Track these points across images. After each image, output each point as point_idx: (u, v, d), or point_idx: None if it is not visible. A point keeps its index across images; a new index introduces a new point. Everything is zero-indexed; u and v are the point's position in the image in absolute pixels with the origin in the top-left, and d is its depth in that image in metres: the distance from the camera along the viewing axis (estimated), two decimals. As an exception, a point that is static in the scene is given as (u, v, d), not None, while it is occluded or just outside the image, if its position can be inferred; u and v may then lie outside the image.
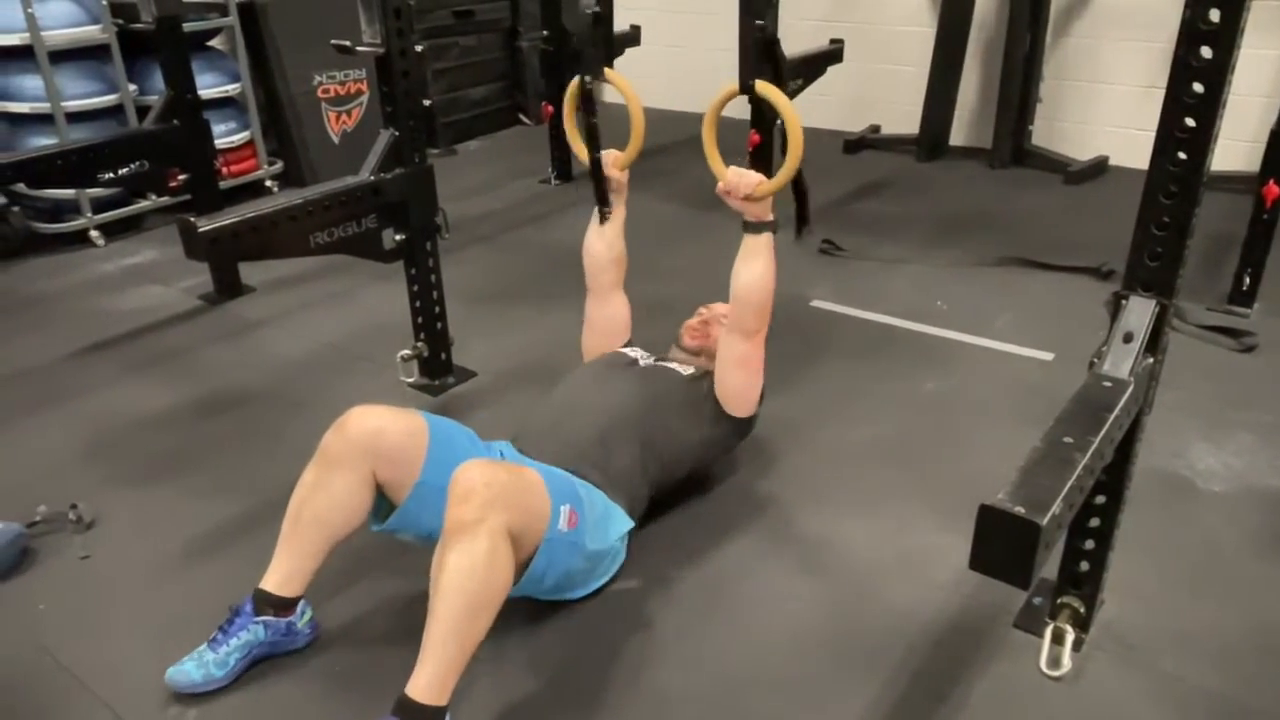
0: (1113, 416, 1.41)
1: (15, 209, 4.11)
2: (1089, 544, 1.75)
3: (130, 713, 1.73)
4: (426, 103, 5.52)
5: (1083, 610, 1.81)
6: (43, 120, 3.84)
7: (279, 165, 4.78)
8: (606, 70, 2.30)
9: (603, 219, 2.37)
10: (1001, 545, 1.19)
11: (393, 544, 1.94)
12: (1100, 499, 1.69)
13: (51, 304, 3.57)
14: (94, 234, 4.07)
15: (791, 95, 4.17)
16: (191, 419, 2.75)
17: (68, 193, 3.94)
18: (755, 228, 2.05)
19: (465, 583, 1.55)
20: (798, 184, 3.73)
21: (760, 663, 1.83)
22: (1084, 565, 1.78)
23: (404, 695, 1.53)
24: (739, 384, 2.17)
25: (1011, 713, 1.71)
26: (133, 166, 3.11)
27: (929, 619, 1.92)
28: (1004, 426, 2.52)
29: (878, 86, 5.32)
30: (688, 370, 2.27)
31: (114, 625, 1.96)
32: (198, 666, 1.75)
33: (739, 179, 1.99)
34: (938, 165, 4.96)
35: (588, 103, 2.24)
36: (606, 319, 2.44)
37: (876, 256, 3.76)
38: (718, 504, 2.30)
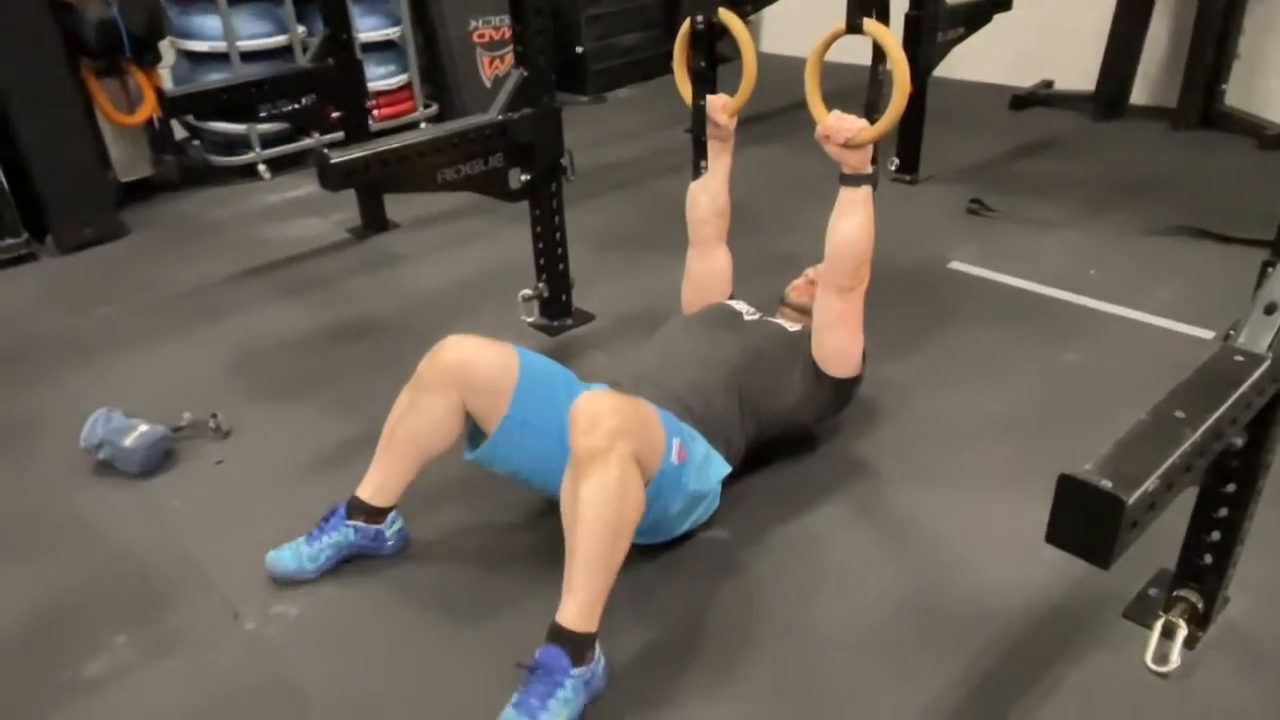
0: (1238, 394, 1.27)
1: (195, 143, 4.45)
2: (1214, 535, 1.60)
3: (242, 604, 1.87)
4: (579, 49, 5.57)
5: (1201, 606, 1.66)
6: (219, 58, 4.12)
7: (434, 108, 4.93)
8: (721, 11, 2.21)
9: (697, 173, 2.31)
10: (1082, 520, 1.11)
11: (489, 473, 2.00)
12: (1230, 487, 1.54)
13: (220, 231, 3.85)
14: (261, 168, 4.34)
15: (951, 44, 3.97)
16: (327, 343, 2.91)
17: (239, 128, 4.22)
18: (853, 180, 1.96)
19: (603, 512, 1.55)
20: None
21: (848, 626, 1.79)
22: (1207, 558, 1.63)
23: (557, 624, 1.56)
24: (836, 343, 2.08)
25: (1106, 703, 1.59)
26: (290, 102, 3.28)
27: (1030, 599, 1.81)
28: (1146, 406, 2.32)
29: (1053, 38, 4.94)
30: (794, 327, 2.20)
31: (237, 525, 2.11)
32: (293, 557, 1.90)
33: (839, 123, 1.90)
34: (1114, 125, 4.58)
35: (699, 45, 2.17)
36: (707, 273, 2.40)
37: (1029, 218, 3.52)
38: (820, 464, 2.24)
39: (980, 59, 4.96)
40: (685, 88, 2.27)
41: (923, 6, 3.67)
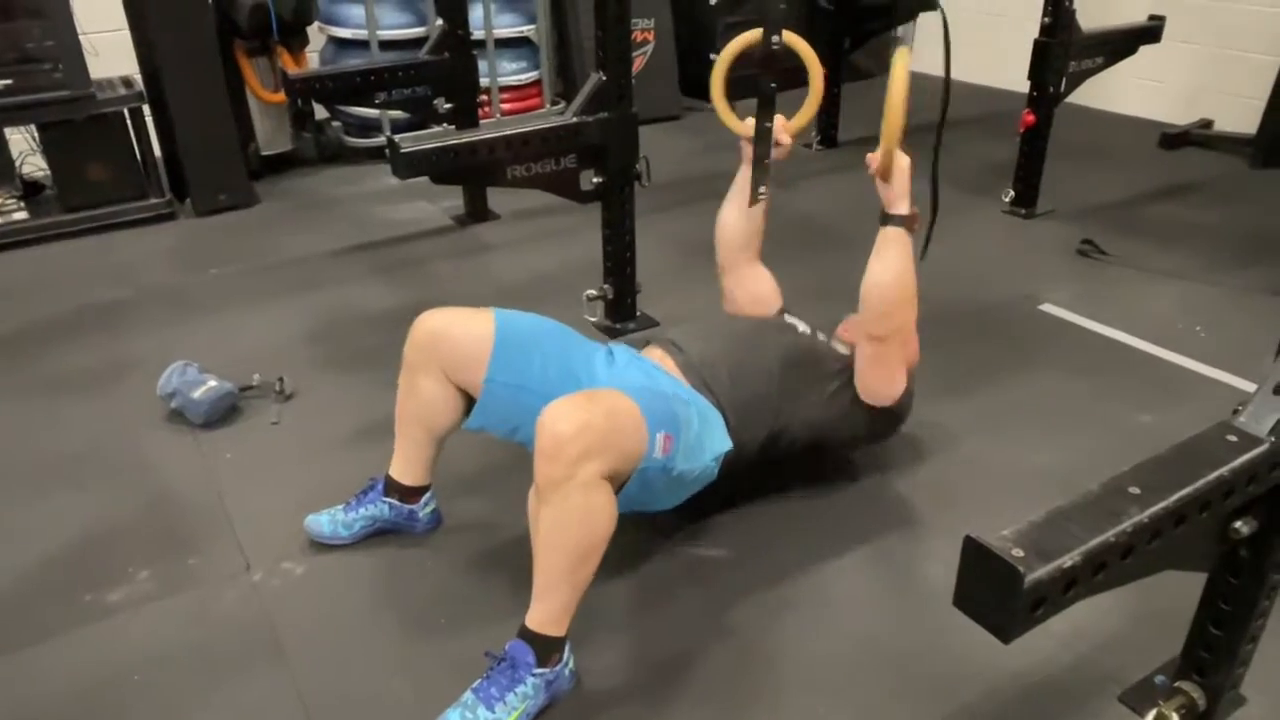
0: (1213, 476, 1.16)
1: (335, 124, 4.73)
2: (1219, 629, 1.46)
3: (255, 557, 1.99)
4: (712, 56, 5.56)
5: (1203, 703, 1.51)
6: (361, 45, 4.37)
7: (560, 106, 5.05)
8: (785, 33, 2.14)
9: (753, 200, 2.15)
10: (982, 587, 1.04)
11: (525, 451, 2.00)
12: (1232, 580, 1.40)
13: (338, 207, 4.08)
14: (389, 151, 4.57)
15: (1087, 74, 3.75)
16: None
17: (373, 112, 4.46)
18: (887, 218, 1.85)
19: (563, 538, 1.52)
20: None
21: (826, 664, 1.74)
22: (1210, 652, 1.49)
23: (523, 625, 1.59)
24: (872, 382, 1.98)
25: (1071, 792, 1.49)
26: (405, 92, 3.45)
27: (1023, 668, 1.71)
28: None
29: (1216, 75, 4.59)
30: (845, 350, 2.10)
31: (276, 483, 2.25)
32: (330, 522, 2.01)
33: (878, 160, 1.82)
34: (1274, 174, 4.19)
35: (767, 63, 2.08)
36: (753, 297, 2.25)
37: (1144, 266, 3.29)
38: (843, 495, 2.18)
39: (1134, 91, 4.68)
40: (726, 114, 2.16)
41: (1054, 34, 3.49)
